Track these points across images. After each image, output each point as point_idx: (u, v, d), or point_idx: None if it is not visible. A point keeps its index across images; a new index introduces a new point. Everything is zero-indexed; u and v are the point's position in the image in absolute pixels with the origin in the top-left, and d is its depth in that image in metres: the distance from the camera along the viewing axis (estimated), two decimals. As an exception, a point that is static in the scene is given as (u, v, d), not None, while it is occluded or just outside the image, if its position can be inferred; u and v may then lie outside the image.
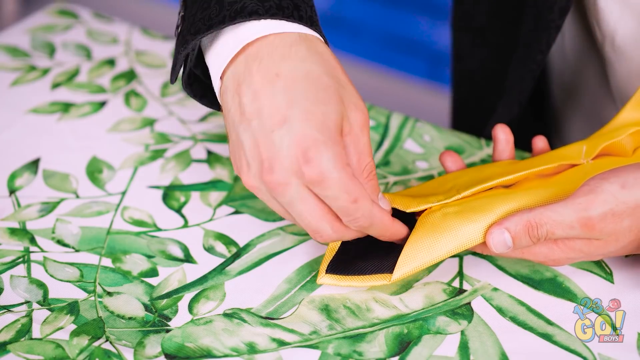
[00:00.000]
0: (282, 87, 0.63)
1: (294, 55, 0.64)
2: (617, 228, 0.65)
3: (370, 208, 0.64)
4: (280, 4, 0.65)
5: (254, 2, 0.65)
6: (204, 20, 0.66)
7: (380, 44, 2.14)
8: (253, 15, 0.64)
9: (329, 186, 0.62)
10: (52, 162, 0.82)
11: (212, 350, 0.65)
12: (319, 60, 0.64)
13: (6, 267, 0.71)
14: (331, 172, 0.62)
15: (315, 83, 0.63)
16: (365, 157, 0.65)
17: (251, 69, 0.64)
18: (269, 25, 0.65)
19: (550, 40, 0.83)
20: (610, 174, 0.66)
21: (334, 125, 0.63)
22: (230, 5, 0.65)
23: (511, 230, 0.65)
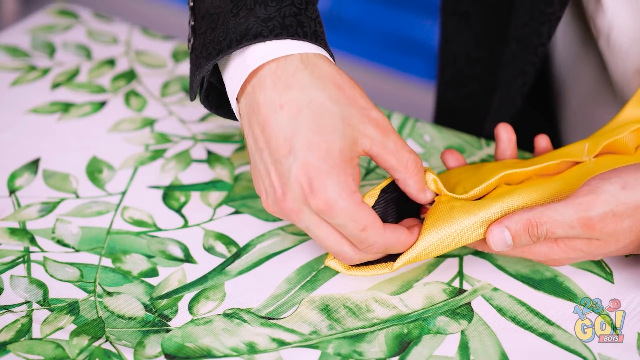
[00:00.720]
0: (286, 117, 0.64)
1: (296, 84, 0.65)
2: (618, 228, 0.65)
3: (381, 234, 0.65)
4: (284, 22, 0.66)
5: (258, 23, 0.65)
6: (214, 44, 0.67)
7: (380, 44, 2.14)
8: (258, 37, 0.65)
9: (336, 215, 0.64)
10: (52, 162, 0.82)
11: (212, 350, 0.65)
12: (321, 85, 0.65)
13: (6, 267, 0.71)
14: (336, 201, 0.63)
15: (318, 111, 0.64)
16: (403, 154, 0.66)
17: (258, 100, 0.65)
18: (274, 47, 0.65)
19: (552, 31, 0.83)
20: (611, 174, 0.66)
21: (339, 153, 0.64)
22: (236, 28, 0.66)
23: (511, 229, 0.65)
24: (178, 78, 0.93)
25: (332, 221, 0.64)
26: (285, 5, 0.66)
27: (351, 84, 0.66)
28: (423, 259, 0.67)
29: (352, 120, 0.65)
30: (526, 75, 0.87)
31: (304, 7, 0.67)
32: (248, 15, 0.66)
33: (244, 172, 0.81)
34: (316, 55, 0.66)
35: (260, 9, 0.66)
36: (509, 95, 0.90)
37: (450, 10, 1.00)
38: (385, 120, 0.66)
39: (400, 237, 0.66)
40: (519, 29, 0.85)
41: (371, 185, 0.81)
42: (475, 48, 0.99)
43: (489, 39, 0.97)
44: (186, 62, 0.95)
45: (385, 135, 0.66)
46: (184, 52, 0.97)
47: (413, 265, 0.72)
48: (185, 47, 0.97)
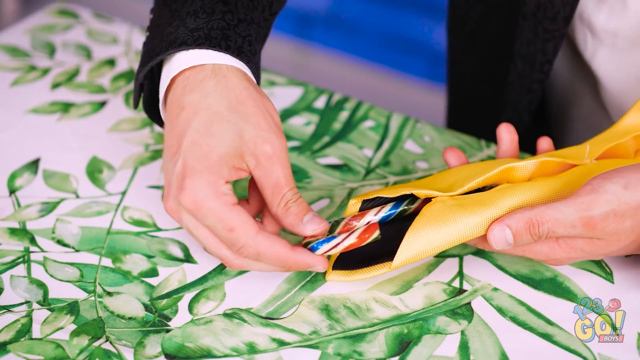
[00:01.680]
0: (183, 119, 0.66)
1: (200, 89, 0.67)
2: (619, 228, 0.65)
3: (252, 237, 0.65)
4: (209, 34, 0.68)
5: (186, 32, 0.68)
6: (149, 52, 0.70)
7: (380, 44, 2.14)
8: (182, 45, 0.68)
9: (204, 215, 0.64)
10: (52, 162, 0.82)
11: (212, 350, 0.65)
12: (224, 95, 0.67)
13: (6, 267, 0.71)
14: (204, 201, 0.64)
15: (211, 117, 0.66)
16: (280, 189, 0.66)
17: (169, 102, 0.68)
18: (196, 55, 0.68)
19: (557, 48, 0.83)
20: (613, 174, 0.66)
21: (217, 158, 0.65)
22: (168, 36, 0.69)
23: (512, 228, 0.65)
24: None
25: (203, 222, 0.65)
26: (215, 19, 0.69)
27: (257, 103, 0.67)
28: (423, 257, 0.67)
29: (245, 134, 0.66)
30: (533, 93, 0.88)
31: (235, 24, 0.70)
32: (179, 26, 0.69)
33: (244, 172, 0.81)
34: (231, 68, 0.68)
35: (190, 20, 0.69)
36: (516, 114, 0.90)
37: (456, 31, 1.00)
38: (280, 149, 0.66)
39: (275, 246, 0.65)
40: (524, 47, 0.86)
41: (371, 185, 0.81)
42: (481, 68, 1.00)
43: (494, 58, 0.97)
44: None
45: (272, 163, 0.66)
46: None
47: (413, 265, 0.72)
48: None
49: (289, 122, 0.88)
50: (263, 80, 0.93)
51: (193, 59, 0.68)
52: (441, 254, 0.73)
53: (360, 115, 0.88)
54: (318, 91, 0.91)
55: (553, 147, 0.76)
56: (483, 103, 1.01)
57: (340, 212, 0.77)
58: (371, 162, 0.83)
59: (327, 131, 0.87)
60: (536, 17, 0.83)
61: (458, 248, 0.73)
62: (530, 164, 0.70)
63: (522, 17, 0.85)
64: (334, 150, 0.84)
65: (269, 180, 0.66)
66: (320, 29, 2.19)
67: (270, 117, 0.67)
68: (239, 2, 0.71)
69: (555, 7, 0.81)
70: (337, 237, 0.67)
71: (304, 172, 0.82)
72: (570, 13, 0.81)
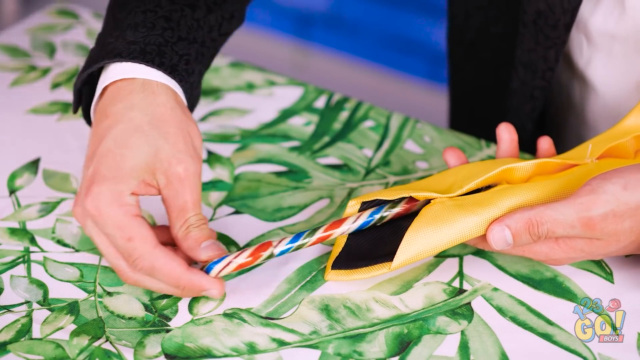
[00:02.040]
0: (104, 127, 0.67)
1: (127, 101, 0.67)
2: (618, 228, 0.65)
3: (149, 250, 0.65)
4: (145, 48, 0.69)
5: (123, 45, 0.69)
6: (89, 61, 0.71)
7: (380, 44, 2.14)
8: (117, 57, 0.68)
9: (104, 222, 0.65)
10: (52, 162, 0.82)
11: (212, 350, 0.65)
12: (149, 111, 0.67)
13: (6, 267, 0.71)
14: (106, 207, 0.65)
15: (131, 128, 0.66)
16: (185, 213, 0.67)
17: (97, 110, 0.69)
18: (129, 68, 0.69)
19: (558, 55, 0.83)
20: (612, 174, 0.66)
21: (128, 169, 0.65)
22: (106, 47, 0.70)
23: (512, 228, 0.65)
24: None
25: (103, 230, 0.65)
26: (153, 34, 0.70)
27: (180, 125, 0.68)
28: (423, 258, 0.67)
29: (160, 153, 0.66)
30: (536, 100, 0.88)
31: (174, 42, 0.70)
32: (118, 37, 0.70)
33: (244, 172, 0.81)
34: (162, 86, 0.69)
35: (130, 33, 0.70)
36: (519, 121, 0.90)
37: (457, 39, 1.00)
38: (193, 173, 0.67)
39: (171, 263, 0.65)
40: (525, 55, 0.86)
41: (371, 185, 0.81)
42: (482, 76, 1.00)
43: (496, 66, 0.97)
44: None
45: (182, 186, 0.66)
46: (184, 52, 0.97)
47: (413, 265, 0.72)
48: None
49: (289, 122, 0.88)
50: (262, 80, 0.93)
51: (125, 71, 0.68)
52: (441, 254, 0.73)
53: (360, 115, 0.88)
54: (318, 91, 0.91)
55: (553, 146, 0.76)
56: (485, 109, 1.01)
57: (340, 212, 0.77)
58: (371, 162, 0.83)
59: (327, 131, 0.87)
60: (537, 25, 0.83)
61: (458, 248, 0.73)
62: (530, 164, 0.70)
63: (522, 24, 0.84)
64: (334, 150, 0.84)
65: (175, 202, 0.67)
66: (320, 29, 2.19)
67: (190, 140, 0.68)
68: (182, 20, 0.72)
69: (555, 14, 0.81)
70: (229, 256, 0.67)
71: (304, 172, 0.82)
72: (571, 20, 0.80)
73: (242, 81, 0.93)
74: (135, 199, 0.66)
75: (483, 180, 0.69)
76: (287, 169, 0.82)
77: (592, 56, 0.84)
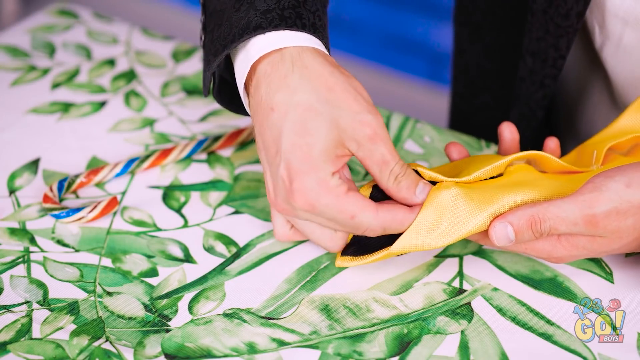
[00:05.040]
0: (275, 120, 0.66)
1: (286, 87, 0.66)
2: (621, 226, 0.65)
3: (374, 216, 0.65)
4: (283, 14, 0.67)
5: (258, 16, 0.67)
6: (220, 40, 0.68)
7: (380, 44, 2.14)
8: (258, 29, 0.67)
9: (322, 212, 0.65)
10: (52, 162, 0.82)
11: (212, 350, 0.65)
12: (310, 87, 0.66)
13: (6, 267, 0.71)
14: (317, 199, 0.64)
15: (304, 114, 0.65)
16: (388, 165, 0.66)
17: (257, 101, 0.67)
18: (273, 38, 0.67)
19: (570, 43, 0.82)
20: (615, 172, 0.66)
21: (319, 154, 0.65)
22: (238, 22, 0.68)
23: (514, 224, 0.65)
24: (178, 78, 0.93)
25: (324, 217, 0.65)
26: None
27: (345, 86, 0.66)
28: (424, 249, 0.67)
29: (341, 122, 0.65)
30: (546, 88, 0.87)
31: (303, 1, 0.68)
32: (249, 9, 0.67)
33: (244, 172, 0.81)
34: (310, 52, 0.67)
35: (259, 3, 0.67)
36: (528, 109, 0.90)
37: (463, 20, 0.99)
38: (379, 127, 0.66)
39: (397, 215, 0.66)
40: (534, 44, 0.85)
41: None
42: (486, 59, 0.99)
43: (500, 50, 0.96)
44: (186, 62, 0.95)
45: (374, 143, 0.66)
46: (184, 52, 0.97)
47: (413, 265, 0.72)
48: (185, 47, 0.97)
49: (289, 122, 0.88)
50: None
51: (271, 42, 0.67)
52: (441, 254, 0.73)
53: (360, 115, 0.88)
54: (318, 91, 0.91)
55: (559, 148, 0.75)
56: (488, 96, 1.01)
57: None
58: (371, 162, 0.83)
59: (327, 131, 0.86)
60: (547, 14, 0.82)
61: (458, 248, 0.73)
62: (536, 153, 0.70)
63: (530, 14, 0.84)
64: (334, 150, 0.84)
65: (374, 159, 0.66)
66: (320, 29, 2.19)
67: (360, 96, 0.67)
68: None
69: (567, 3, 0.80)
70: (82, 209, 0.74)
71: (304, 172, 0.82)
72: (583, 8, 0.79)
73: (242, 81, 0.93)
74: (338, 175, 0.66)
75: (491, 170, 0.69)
76: (287, 169, 0.82)
77: (604, 44, 0.83)
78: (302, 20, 0.67)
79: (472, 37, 0.99)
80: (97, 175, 0.79)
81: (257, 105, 0.67)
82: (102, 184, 0.79)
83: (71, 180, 0.78)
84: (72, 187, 0.78)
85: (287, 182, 0.65)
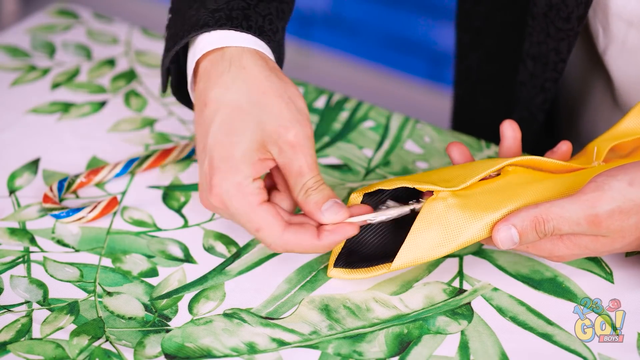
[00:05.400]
0: (206, 115, 0.67)
1: (220, 85, 0.67)
2: (624, 225, 0.65)
3: (278, 236, 0.66)
4: (230, 14, 0.69)
5: (207, 14, 0.69)
6: (173, 37, 0.71)
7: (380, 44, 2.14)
8: (204, 27, 0.68)
9: (233, 214, 0.66)
10: (52, 162, 0.82)
11: (212, 350, 0.65)
12: (244, 88, 0.67)
13: (6, 267, 0.71)
14: (230, 201, 0.66)
15: (232, 113, 0.66)
16: (302, 177, 0.67)
17: (196, 95, 0.69)
18: (218, 37, 0.68)
19: (571, 47, 0.82)
20: (618, 171, 0.66)
21: (241, 155, 0.66)
22: (189, 19, 0.70)
23: (518, 226, 0.65)
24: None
25: (234, 220, 0.67)
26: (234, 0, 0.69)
27: (279, 92, 0.68)
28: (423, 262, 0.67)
29: (267, 126, 0.66)
30: (547, 92, 0.87)
31: (255, 4, 0.70)
32: (199, 8, 0.69)
33: (244, 172, 0.81)
34: (251, 54, 0.68)
35: (210, 2, 0.69)
36: (529, 113, 0.90)
37: (465, 26, 1.00)
38: (304, 137, 0.67)
39: (303, 241, 0.66)
40: (534, 47, 0.85)
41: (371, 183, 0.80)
42: (487, 64, 0.99)
43: (502, 56, 0.96)
44: (186, 62, 0.95)
45: (294, 152, 0.67)
46: (184, 52, 0.97)
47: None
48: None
49: (289, 122, 0.87)
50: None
51: (215, 40, 0.68)
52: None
53: (360, 116, 0.88)
54: (318, 91, 0.91)
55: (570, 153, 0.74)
56: (489, 100, 1.01)
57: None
58: (371, 162, 0.83)
59: (327, 131, 0.87)
60: (548, 17, 0.82)
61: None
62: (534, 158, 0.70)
63: (531, 17, 0.84)
64: (334, 150, 0.84)
65: (291, 168, 0.67)
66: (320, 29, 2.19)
67: (293, 104, 0.67)
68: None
69: (569, 6, 0.80)
70: (82, 209, 0.74)
71: (304, 172, 0.82)
72: (584, 11, 0.79)
73: (242, 81, 0.93)
74: (257, 184, 0.66)
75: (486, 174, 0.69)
76: (287, 169, 0.82)
77: (607, 46, 0.83)
78: (248, 22, 0.69)
79: (473, 43, 0.99)
80: (97, 175, 0.78)
81: (196, 100, 0.69)
82: (102, 184, 0.79)
83: (71, 180, 0.78)
84: (72, 187, 0.77)
85: (208, 178, 0.66)
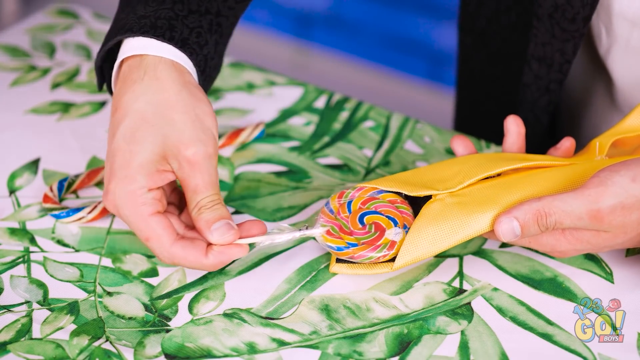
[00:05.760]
0: (115, 120, 0.68)
1: (132, 92, 0.68)
2: (626, 221, 0.65)
3: (165, 248, 0.67)
4: (156, 23, 0.69)
5: (134, 19, 0.70)
6: (105, 38, 0.72)
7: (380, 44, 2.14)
8: (128, 32, 0.69)
9: (125, 220, 0.67)
10: (52, 162, 0.82)
11: (212, 350, 0.65)
12: (152, 100, 0.68)
13: (6, 267, 0.71)
14: (122, 208, 0.67)
15: (136, 122, 0.67)
16: (197, 195, 0.68)
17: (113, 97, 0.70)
18: (141, 44, 0.69)
19: (576, 48, 0.82)
20: (620, 166, 0.66)
21: (138, 165, 0.67)
22: (118, 22, 0.71)
23: (520, 219, 0.65)
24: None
25: (128, 226, 0.68)
26: (164, 9, 0.70)
27: (186, 108, 0.68)
28: (425, 258, 0.67)
29: (169, 139, 0.67)
30: (552, 93, 0.87)
31: (184, 15, 0.70)
32: (129, 12, 0.70)
33: (244, 172, 0.81)
34: (167, 66, 0.69)
35: (140, 7, 0.70)
36: (533, 115, 0.90)
37: (468, 28, 1.00)
38: (203, 156, 0.67)
39: (189, 256, 0.67)
40: (539, 49, 0.85)
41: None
42: (491, 67, 0.99)
43: (505, 58, 0.96)
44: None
45: (192, 170, 0.67)
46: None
47: (413, 265, 0.72)
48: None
49: (289, 122, 0.88)
50: (262, 80, 0.93)
51: (136, 47, 0.69)
52: (441, 254, 0.73)
53: (360, 116, 0.88)
54: (318, 91, 0.91)
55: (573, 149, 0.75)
56: (491, 103, 1.01)
57: (340, 212, 0.77)
58: (371, 162, 0.83)
59: (327, 131, 0.87)
60: (553, 19, 0.82)
61: (458, 248, 0.73)
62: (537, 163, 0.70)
63: (536, 19, 0.84)
64: (334, 150, 0.84)
65: (188, 185, 0.68)
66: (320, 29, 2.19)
67: (199, 122, 0.68)
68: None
69: (574, 7, 0.80)
70: (82, 209, 0.74)
71: (304, 172, 0.82)
72: (590, 12, 0.79)
73: (242, 81, 0.93)
74: (152, 194, 0.67)
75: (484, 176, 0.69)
76: (287, 169, 0.82)
77: (611, 46, 0.83)
78: (172, 33, 0.69)
79: (476, 44, 0.99)
80: (97, 176, 0.78)
81: (112, 102, 0.70)
82: (102, 184, 0.79)
83: (71, 180, 0.77)
84: (72, 187, 0.77)
85: (106, 181, 0.67)
